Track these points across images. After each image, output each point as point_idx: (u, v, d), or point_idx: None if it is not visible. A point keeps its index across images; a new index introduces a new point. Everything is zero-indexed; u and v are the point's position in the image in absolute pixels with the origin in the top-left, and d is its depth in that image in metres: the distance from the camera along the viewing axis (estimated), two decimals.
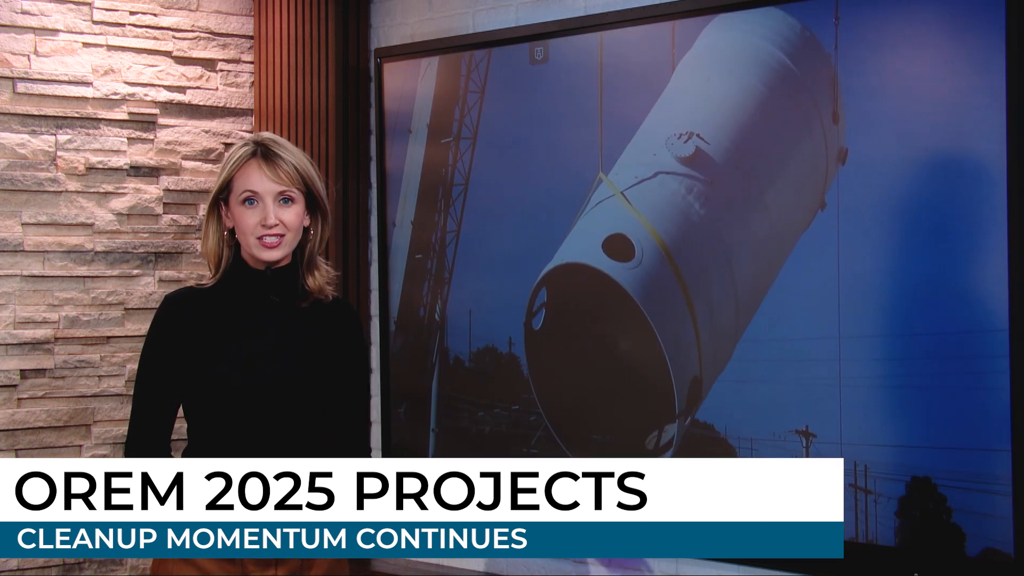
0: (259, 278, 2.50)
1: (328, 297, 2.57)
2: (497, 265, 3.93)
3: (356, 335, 2.62)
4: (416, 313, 4.15)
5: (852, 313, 3.14)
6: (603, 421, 3.66)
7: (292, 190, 2.47)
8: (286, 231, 2.47)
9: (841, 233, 3.16)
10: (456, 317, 4.05)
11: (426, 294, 4.13)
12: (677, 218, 3.46)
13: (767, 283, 3.30)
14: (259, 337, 2.49)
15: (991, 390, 2.94)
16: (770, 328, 3.29)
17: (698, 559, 3.48)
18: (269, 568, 2.45)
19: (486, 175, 3.96)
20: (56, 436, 4.06)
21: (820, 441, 3.20)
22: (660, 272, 3.49)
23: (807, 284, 3.22)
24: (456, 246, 4.04)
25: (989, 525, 2.95)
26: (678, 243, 3.46)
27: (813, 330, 3.21)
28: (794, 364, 3.25)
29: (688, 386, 3.44)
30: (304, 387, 2.49)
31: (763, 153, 3.31)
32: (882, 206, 3.10)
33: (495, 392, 3.94)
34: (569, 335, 3.73)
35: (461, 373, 4.04)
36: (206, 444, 2.50)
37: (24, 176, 4.00)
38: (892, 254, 3.09)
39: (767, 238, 3.30)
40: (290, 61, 4.32)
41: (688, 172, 3.43)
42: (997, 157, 2.91)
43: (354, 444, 2.62)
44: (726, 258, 3.36)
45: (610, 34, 3.62)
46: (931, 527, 3.03)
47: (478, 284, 3.99)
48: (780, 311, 3.27)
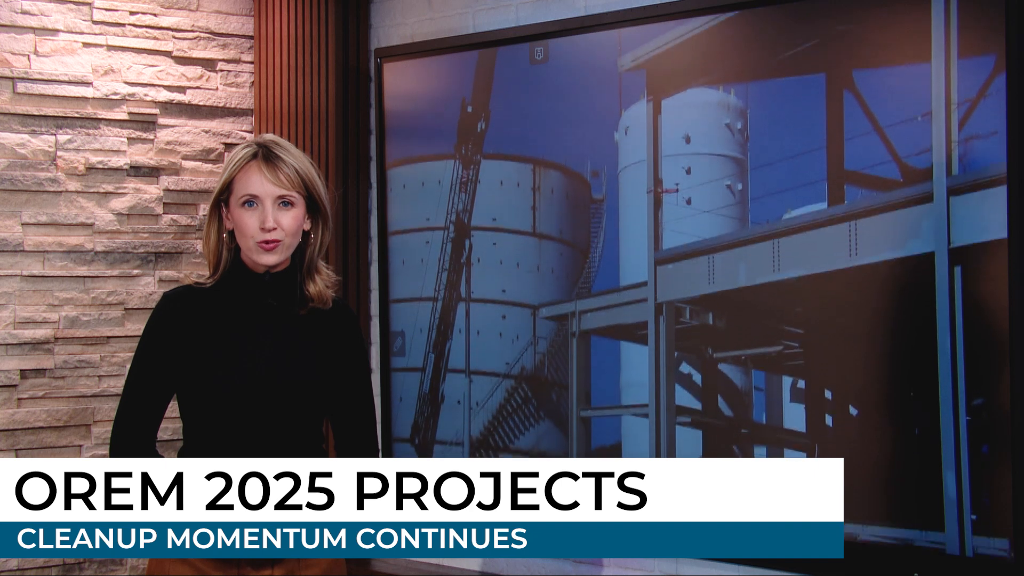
0: (257, 282, 2.49)
1: (328, 304, 2.55)
2: (498, 265, 3.92)
3: (355, 338, 2.61)
4: (417, 314, 4.14)
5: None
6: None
7: (292, 194, 2.46)
8: (284, 235, 2.45)
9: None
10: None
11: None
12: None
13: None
14: (254, 340, 2.48)
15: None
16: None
17: (698, 559, 3.48)
18: (266, 568, 2.45)
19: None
20: (56, 436, 4.06)
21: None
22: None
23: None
24: (457, 246, 4.03)
25: (989, 525, 2.95)
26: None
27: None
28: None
29: None
30: (297, 390, 2.49)
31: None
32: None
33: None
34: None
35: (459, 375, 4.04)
36: (200, 445, 2.49)
37: (24, 176, 4.00)
38: None
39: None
40: (290, 61, 4.32)
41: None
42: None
43: (363, 449, 2.62)
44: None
45: (609, 34, 3.63)
46: (931, 527, 3.03)
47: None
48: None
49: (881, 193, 3.10)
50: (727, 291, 3.41)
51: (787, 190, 3.27)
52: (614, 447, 3.68)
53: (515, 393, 3.93)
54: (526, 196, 3.87)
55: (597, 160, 3.70)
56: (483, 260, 3.99)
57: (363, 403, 2.62)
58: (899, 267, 3.08)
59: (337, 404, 2.59)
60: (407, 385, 4.21)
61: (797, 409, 3.28)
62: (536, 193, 3.85)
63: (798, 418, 3.28)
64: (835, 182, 3.18)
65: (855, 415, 3.16)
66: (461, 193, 4.02)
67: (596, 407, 3.73)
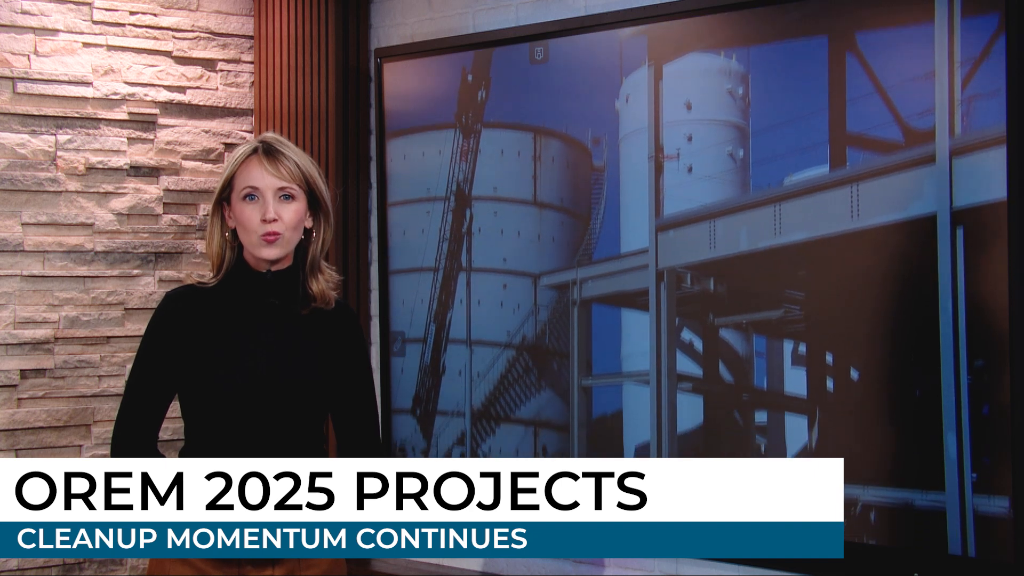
0: (259, 280, 2.49)
1: (331, 304, 2.56)
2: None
3: (357, 337, 2.61)
4: (417, 314, 4.14)
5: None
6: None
7: (293, 187, 2.47)
8: (285, 228, 2.46)
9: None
10: (457, 318, 4.04)
11: (428, 294, 4.13)
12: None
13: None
14: (256, 339, 2.48)
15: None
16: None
17: (698, 559, 3.48)
18: (266, 568, 2.45)
19: (487, 174, 3.96)
20: (56, 436, 4.06)
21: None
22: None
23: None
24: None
25: (989, 525, 2.95)
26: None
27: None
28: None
29: None
30: (298, 390, 2.49)
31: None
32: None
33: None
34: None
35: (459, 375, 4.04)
36: (202, 444, 2.49)
37: (24, 176, 4.00)
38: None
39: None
40: (290, 61, 4.32)
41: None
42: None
43: (365, 449, 2.62)
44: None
45: (609, 34, 3.63)
46: (931, 527, 3.03)
47: (479, 285, 3.98)
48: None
49: (883, 155, 3.10)
50: (728, 257, 3.41)
51: (789, 154, 3.27)
52: (615, 415, 3.67)
53: (516, 363, 3.91)
54: (527, 165, 3.87)
55: (598, 128, 3.69)
56: (484, 230, 3.98)
57: (365, 403, 2.62)
58: (901, 229, 3.07)
59: (339, 404, 2.59)
60: (408, 356, 4.19)
61: (798, 374, 3.28)
62: (537, 162, 3.85)
63: (799, 383, 3.28)
64: (837, 145, 3.18)
65: (856, 379, 3.16)
66: (462, 163, 4.02)
67: (597, 375, 3.72)
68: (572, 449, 3.76)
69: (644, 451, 3.59)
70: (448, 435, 4.08)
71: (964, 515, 2.97)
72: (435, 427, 4.10)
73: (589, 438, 3.72)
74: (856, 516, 3.15)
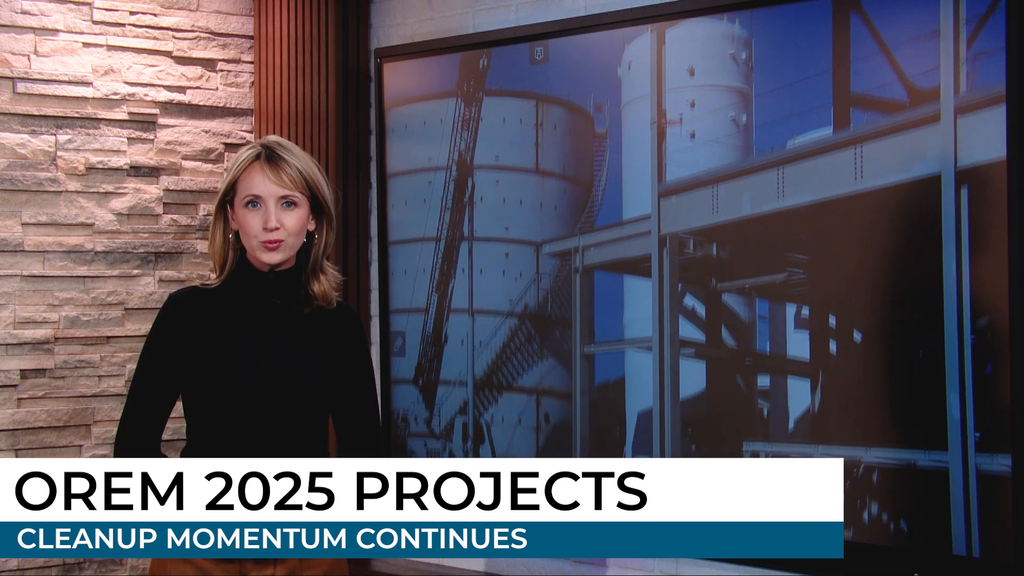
0: (262, 281, 2.50)
1: (332, 303, 2.57)
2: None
3: (358, 337, 2.62)
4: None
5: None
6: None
7: (295, 194, 2.47)
8: (287, 235, 2.47)
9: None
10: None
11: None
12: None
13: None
14: (257, 339, 2.49)
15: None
16: None
17: (698, 559, 3.48)
18: (268, 567, 2.46)
19: (487, 174, 3.96)
20: (56, 436, 4.06)
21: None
22: None
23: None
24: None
25: (991, 484, 2.94)
26: None
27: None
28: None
29: None
30: (302, 389, 2.49)
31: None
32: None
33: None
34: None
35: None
36: (204, 444, 2.50)
37: (24, 176, 4.00)
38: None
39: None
40: (290, 61, 4.32)
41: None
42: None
43: (366, 448, 2.62)
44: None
45: (609, 34, 3.63)
46: (931, 527, 3.03)
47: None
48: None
49: (887, 116, 3.09)
50: (731, 221, 3.40)
51: (792, 116, 3.26)
52: (617, 382, 3.67)
53: (518, 331, 3.91)
54: (529, 133, 3.86)
55: (600, 94, 3.68)
56: (485, 199, 3.98)
57: (366, 402, 2.62)
58: (905, 190, 3.06)
59: (340, 403, 2.59)
60: (411, 327, 4.19)
61: (801, 337, 3.27)
62: (539, 129, 3.84)
63: (802, 346, 3.27)
64: (841, 106, 3.17)
65: (859, 340, 3.16)
66: (463, 131, 4.01)
67: (599, 343, 3.72)
68: (575, 417, 3.75)
69: (647, 418, 3.58)
70: (450, 405, 4.07)
71: (967, 474, 2.97)
72: (437, 397, 4.10)
73: (592, 405, 3.72)
74: (859, 478, 3.14)
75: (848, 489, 3.14)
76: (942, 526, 3.01)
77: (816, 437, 3.23)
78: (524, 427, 3.88)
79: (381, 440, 2.69)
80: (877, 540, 3.13)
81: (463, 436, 4.02)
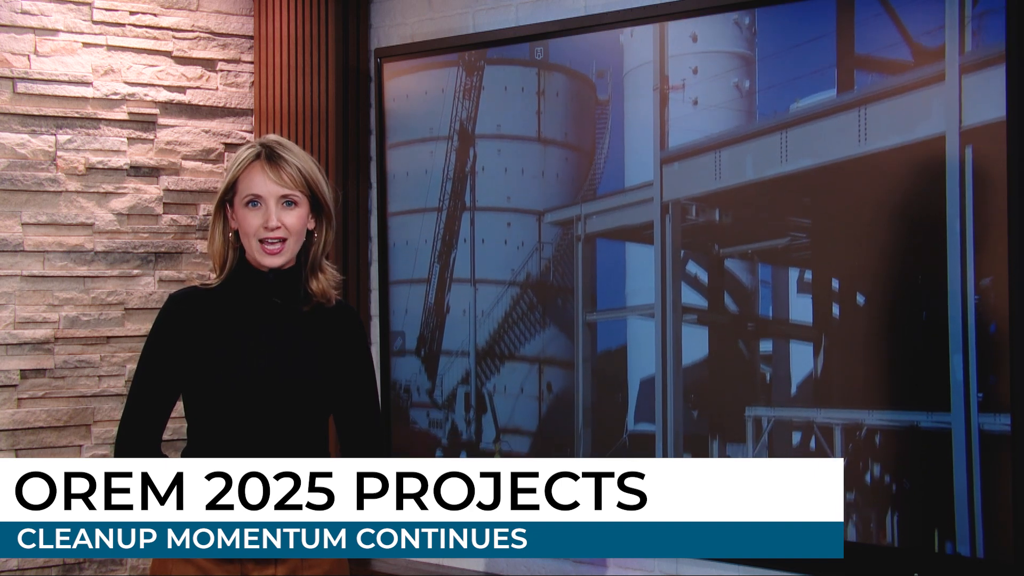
0: (261, 280, 2.50)
1: (331, 302, 2.57)
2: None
3: (359, 338, 2.62)
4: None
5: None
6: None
7: (295, 193, 2.48)
8: (288, 235, 2.47)
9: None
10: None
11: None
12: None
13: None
14: (257, 339, 2.49)
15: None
16: None
17: (698, 559, 3.48)
18: (268, 567, 2.45)
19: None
20: (56, 436, 4.06)
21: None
22: None
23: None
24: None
25: (994, 443, 2.94)
26: None
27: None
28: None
29: None
30: (302, 389, 2.49)
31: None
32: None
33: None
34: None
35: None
36: (205, 444, 2.50)
37: (24, 176, 4.00)
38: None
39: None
40: (290, 61, 4.32)
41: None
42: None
43: (367, 448, 2.62)
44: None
45: (608, 34, 3.63)
46: (931, 527, 3.03)
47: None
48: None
49: (891, 76, 3.08)
50: (734, 186, 3.39)
51: (796, 79, 3.25)
52: (619, 350, 3.66)
53: (520, 300, 3.91)
54: (530, 101, 3.86)
55: (602, 61, 3.67)
56: (487, 168, 3.97)
57: (367, 401, 2.62)
58: (909, 151, 3.05)
59: (341, 402, 2.59)
60: (412, 298, 4.18)
61: (803, 301, 3.27)
62: (541, 97, 3.84)
63: (804, 310, 3.27)
64: (845, 68, 3.15)
65: (862, 303, 3.15)
66: (465, 101, 4.01)
67: (602, 310, 3.71)
68: (577, 385, 3.74)
69: (649, 385, 3.57)
70: (453, 375, 4.07)
71: (969, 434, 2.96)
72: (440, 367, 4.09)
73: (594, 373, 3.71)
74: (861, 440, 3.13)
75: (851, 451, 3.14)
76: (944, 485, 3.00)
77: (818, 401, 3.23)
78: (526, 396, 3.88)
79: (383, 438, 2.69)
80: (878, 503, 3.11)
81: (465, 406, 4.02)
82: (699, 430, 3.48)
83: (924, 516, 3.05)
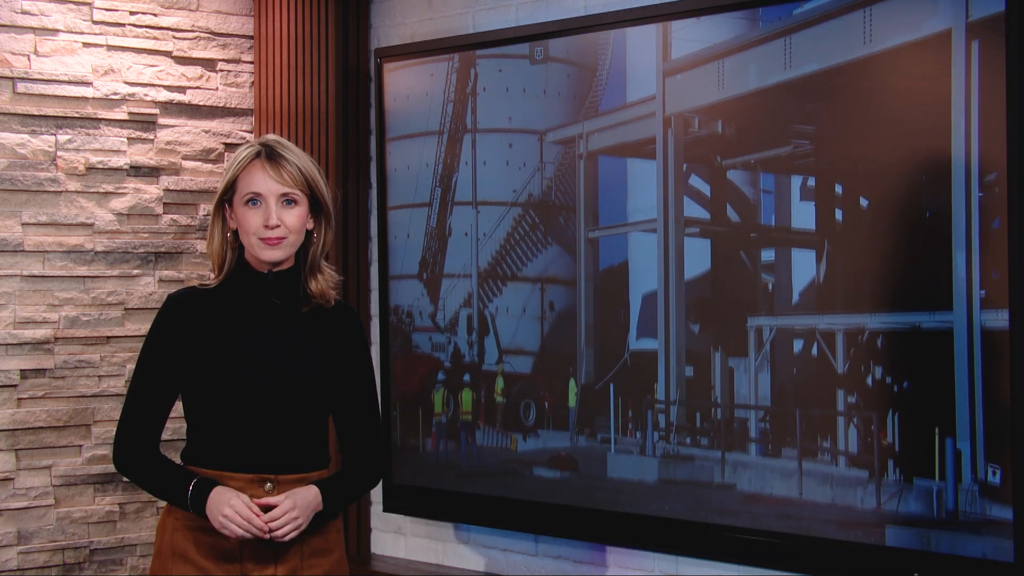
0: (260, 281, 2.50)
1: (331, 302, 2.57)
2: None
3: (359, 338, 2.62)
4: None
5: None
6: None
7: (295, 192, 2.48)
8: (288, 233, 2.47)
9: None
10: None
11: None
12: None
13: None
14: (257, 339, 2.49)
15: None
16: None
17: (698, 559, 3.48)
18: (268, 568, 2.46)
19: (486, 174, 3.95)
20: (56, 436, 4.06)
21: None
22: None
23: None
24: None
25: (995, 340, 2.92)
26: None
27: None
28: None
29: None
30: (302, 390, 2.49)
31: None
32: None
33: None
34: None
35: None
36: (204, 445, 2.50)
37: (24, 176, 4.00)
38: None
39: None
40: (290, 61, 4.32)
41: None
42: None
43: (366, 448, 2.62)
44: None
45: (608, 34, 3.62)
46: (931, 527, 3.03)
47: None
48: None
49: None
50: (737, 96, 3.36)
51: None
52: (621, 266, 3.64)
53: (522, 220, 3.88)
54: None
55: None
56: (489, 89, 3.95)
57: (366, 402, 2.63)
58: (914, 50, 3.01)
59: (340, 403, 2.59)
60: (414, 221, 4.15)
61: (806, 208, 3.25)
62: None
63: (807, 217, 3.24)
64: None
65: (865, 206, 3.13)
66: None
67: (604, 227, 3.69)
68: (579, 303, 3.71)
69: (651, 300, 3.55)
70: (455, 297, 4.04)
71: (971, 332, 2.94)
72: (442, 290, 4.07)
73: (596, 291, 3.68)
74: (863, 344, 3.10)
75: (852, 355, 3.12)
76: (945, 384, 2.98)
77: (821, 307, 3.20)
78: (529, 316, 3.86)
79: (383, 440, 2.69)
80: (880, 405, 3.09)
81: (468, 328, 4.00)
82: (701, 345, 3.46)
83: (925, 415, 3.02)
